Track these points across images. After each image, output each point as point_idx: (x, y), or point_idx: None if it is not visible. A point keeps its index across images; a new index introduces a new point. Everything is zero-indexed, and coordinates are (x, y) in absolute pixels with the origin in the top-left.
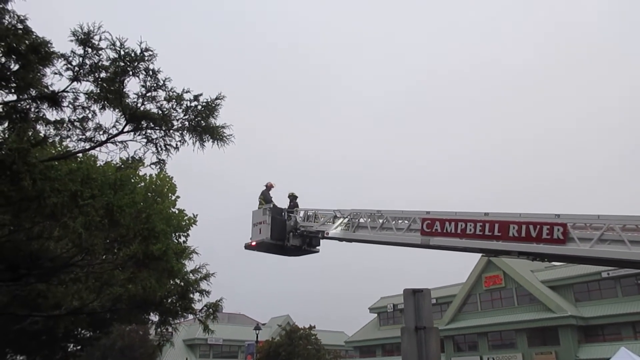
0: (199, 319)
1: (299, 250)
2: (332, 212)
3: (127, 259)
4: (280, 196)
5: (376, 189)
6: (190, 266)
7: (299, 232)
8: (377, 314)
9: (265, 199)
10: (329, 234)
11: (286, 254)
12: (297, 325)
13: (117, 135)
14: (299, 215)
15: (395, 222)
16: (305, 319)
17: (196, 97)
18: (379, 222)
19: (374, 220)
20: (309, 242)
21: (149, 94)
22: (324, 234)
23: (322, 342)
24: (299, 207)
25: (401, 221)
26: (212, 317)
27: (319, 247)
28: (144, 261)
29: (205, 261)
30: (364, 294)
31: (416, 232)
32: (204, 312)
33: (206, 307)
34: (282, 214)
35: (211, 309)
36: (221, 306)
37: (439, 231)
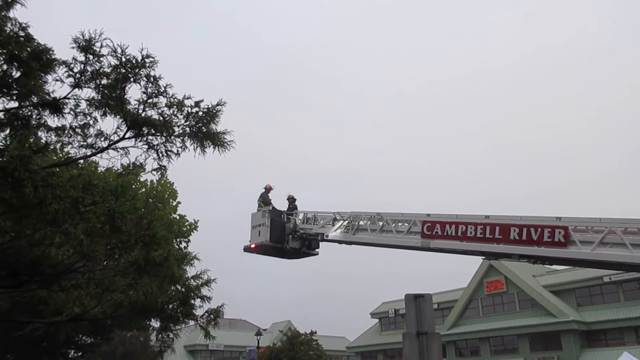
0: (200, 325)
1: (298, 252)
2: (332, 215)
3: (128, 265)
4: (279, 199)
5: (376, 192)
6: (191, 272)
7: (298, 235)
8: (379, 319)
9: (264, 201)
10: (328, 236)
11: (285, 257)
12: (298, 330)
13: (118, 141)
14: (298, 217)
15: (395, 224)
16: (306, 324)
17: (197, 104)
18: (379, 225)
19: (374, 222)
20: (308, 244)
21: (150, 101)
22: (324, 237)
23: (323, 348)
24: (298, 209)
25: (401, 224)
26: (213, 323)
27: (318, 249)
28: (145, 267)
29: (206, 267)
30: (365, 299)
31: (416, 234)
32: (205, 318)
33: (207, 313)
34: (282, 216)
35: (212, 315)
36: (222, 312)
37: (440, 234)
